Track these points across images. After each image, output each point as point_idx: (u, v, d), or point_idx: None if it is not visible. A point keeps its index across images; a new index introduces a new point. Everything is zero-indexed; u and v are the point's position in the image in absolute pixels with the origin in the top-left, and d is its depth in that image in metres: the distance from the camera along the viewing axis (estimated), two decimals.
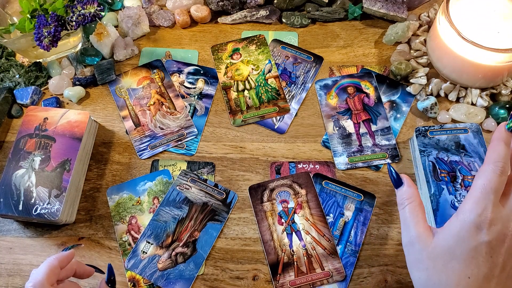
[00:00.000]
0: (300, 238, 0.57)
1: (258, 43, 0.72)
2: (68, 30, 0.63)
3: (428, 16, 0.73)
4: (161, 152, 0.64)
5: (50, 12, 0.62)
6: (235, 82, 0.69)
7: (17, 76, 0.69)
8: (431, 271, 0.42)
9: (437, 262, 0.42)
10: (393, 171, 0.48)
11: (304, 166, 0.62)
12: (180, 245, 0.57)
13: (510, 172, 0.44)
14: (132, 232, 0.58)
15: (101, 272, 0.52)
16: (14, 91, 0.67)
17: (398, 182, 0.48)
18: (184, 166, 0.63)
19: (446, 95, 0.66)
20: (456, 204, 0.55)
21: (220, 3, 0.73)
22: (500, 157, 0.42)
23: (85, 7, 0.62)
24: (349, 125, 0.65)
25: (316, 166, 0.62)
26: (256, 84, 0.69)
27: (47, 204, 0.56)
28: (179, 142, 0.64)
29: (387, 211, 0.59)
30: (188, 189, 0.61)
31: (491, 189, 0.41)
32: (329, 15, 0.73)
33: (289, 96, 0.68)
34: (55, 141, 0.60)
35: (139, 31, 0.73)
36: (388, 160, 0.62)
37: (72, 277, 0.50)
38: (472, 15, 0.62)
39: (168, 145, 0.64)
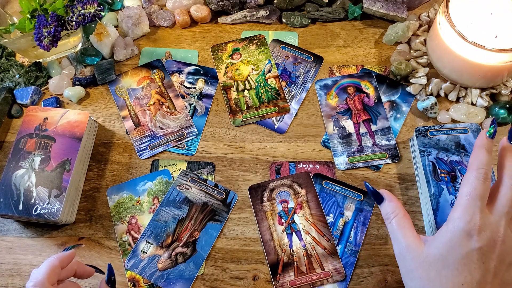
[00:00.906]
0: (300, 238, 0.57)
1: (258, 43, 0.72)
2: (68, 30, 0.63)
3: (428, 16, 0.73)
4: (161, 152, 0.64)
5: (50, 12, 0.62)
6: (235, 82, 0.69)
7: (17, 76, 0.69)
8: (425, 280, 0.43)
9: (430, 271, 0.43)
10: (371, 188, 0.49)
11: (304, 166, 0.62)
12: (180, 245, 0.57)
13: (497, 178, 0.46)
14: (132, 232, 0.58)
15: (101, 272, 0.52)
16: (14, 91, 0.67)
17: (378, 198, 0.48)
18: (184, 166, 0.63)
19: (446, 95, 0.66)
20: None
21: (220, 3, 0.73)
22: (482, 164, 0.44)
23: (85, 7, 0.62)
24: (349, 125, 0.65)
25: (316, 166, 0.62)
26: (256, 84, 0.69)
27: (47, 204, 0.56)
28: (179, 142, 0.64)
29: None
30: (188, 189, 0.61)
31: (476, 196, 0.43)
32: (329, 15, 0.73)
33: (289, 96, 0.68)
34: (55, 141, 0.60)
35: (139, 31, 0.73)
36: (389, 160, 0.62)
37: (72, 277, 0.50)
38: (472, 15, 0.62)
39: (168, 145, 0.64)
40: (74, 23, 0.62)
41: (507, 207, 0.43)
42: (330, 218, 0.58)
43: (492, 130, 0.46)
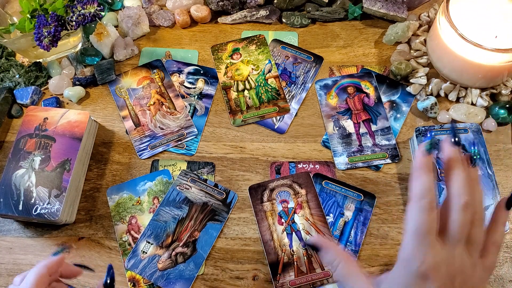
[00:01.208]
0: (300, 238, 0.57)
1: (258, 43, 0.72)
2: (68, 30, 0.63)
3: (428, 16, 0.73)
4: (161, 152, 0.64)
5: (50, 12, 0.62)
6: (235, 82, 0.69)
7: (17, 76, 0.69)
8: None
9: None
10: (305, 241, 0.46)
11: (304, 166, 0.62)
12: (180, 245, 0.57)
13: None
14: (132, 232, 0.58)
15: (90, 270, 0.50)
16: (14, 91, 0.67)
17: (315, 249, 0.45)
18: (184, 166, 0.63)
19: (446, 95, 0.66)
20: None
21: (220, 3, 0.73)
22: (424, 191, 0.39)
23: (85, 7, 0.62)
24: (349, 125, 0.65)
25: (316, 166, 0.62)
26: (256, 84, 0.69)
27: (47, 204, 0.56)
28: (179, 142, 0.64)
29: (387, 211, 0.59)
30: (188, 189, 0.61)
31: (425, 232, 0.38)
32: (329, 15, 0.73)
33: (289, 96, 0.68)
34: (55, 141, 0.60)
35: (139, 31, 0.73)
36: (389, 160, 0.62)
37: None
38: (472, 15, 0.62)
39: (168, 145, 0.64)
40: (74, 23, 0.62)
41: (459, 233, 0.39)
42: (330, 218, 0.58)
43: (428, 145, 0.40)
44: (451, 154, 0.41)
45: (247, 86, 0.69)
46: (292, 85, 0.69)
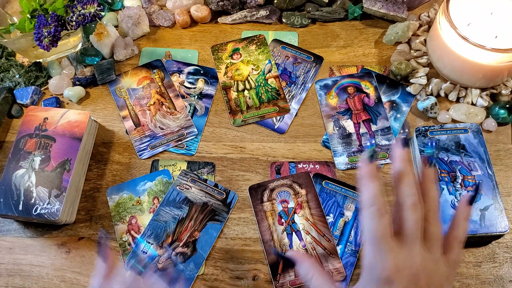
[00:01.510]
0: (300, 238, 0.57)
1: (258, 43, 0.72)
2: (68, 30, 0.63)
3: (428, 16, 0.73)
4: (161, 152, 0.64)
5: (50, 12, 0.62)
6: (235, 82, 0.69)
7: (17, 76, 0.69)
8: None
9: None
10: (282, 255, 0.47)
11: (304, 166, 0.62)
12: (180, 245, 0.57)
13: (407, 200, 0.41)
14: (132, 232, 0.58)
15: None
16: (14, 91, 0.67)
17: (290, 264, 0.46)
18: (184, 166, 0.63)
19: (446, 95, 0.66)
20: (456, 204, 0.55)
21: (220, 3, 0.73)
22: (372, 199, 0.40)
23: (85, 7, 0.62)
24: (349, 125, 0.65)
25: (316, 166, 0.62)
26: (256, 84, 0.69)
27: (47, 204, 0.56)
28: (179, 142, 0.64)
29: (387, 211, 0.59)
30: (188, 189, 0.61)
31: (379, 238, 0.39)
32: (329, 15, 0.73)
33: (289, 96, 0.68)
34: (55, 141, 0.60)
35: (139, 31, 0.73)
36: (389, 160, 0.62)
37: None
38: (472, 15, 0.62)
39: (168, 145, 0.64)
40: (74, 23, 0.62)
41: (414, 231, 0.40)
42: (330, 218, 0.58)
43: (370, 153, 0.41)
44: (400, 163, 0.41)
45: (247, 86, 0.69)
46: (292, 85, 0.69)
